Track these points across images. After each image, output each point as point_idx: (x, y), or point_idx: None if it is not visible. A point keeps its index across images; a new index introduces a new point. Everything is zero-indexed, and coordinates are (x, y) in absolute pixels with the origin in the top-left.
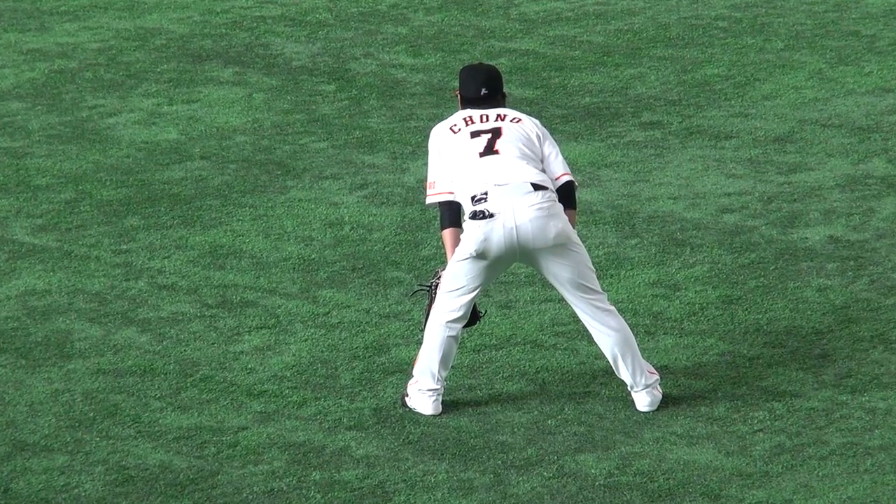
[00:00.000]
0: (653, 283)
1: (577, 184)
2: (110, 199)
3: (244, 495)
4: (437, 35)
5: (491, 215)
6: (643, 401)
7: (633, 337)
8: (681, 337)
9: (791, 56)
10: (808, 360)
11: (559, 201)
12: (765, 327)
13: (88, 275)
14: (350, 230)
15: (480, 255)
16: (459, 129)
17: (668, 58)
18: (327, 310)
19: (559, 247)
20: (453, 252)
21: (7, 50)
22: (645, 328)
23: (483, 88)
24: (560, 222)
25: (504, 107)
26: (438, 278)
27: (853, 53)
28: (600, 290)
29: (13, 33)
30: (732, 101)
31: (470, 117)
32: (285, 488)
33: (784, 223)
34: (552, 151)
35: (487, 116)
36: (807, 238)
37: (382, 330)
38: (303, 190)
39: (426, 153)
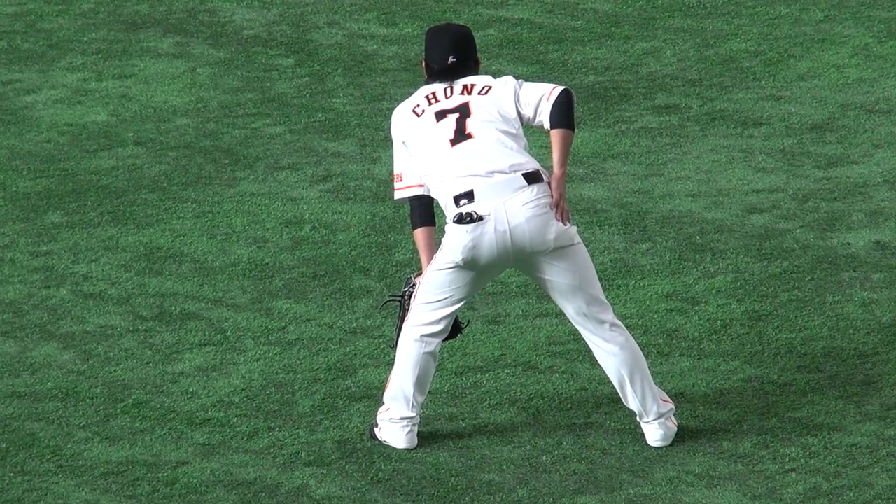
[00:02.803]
0: (667, 295)
1: (574, 95)
2: (28, 192)
3: None
4: (413, 0)
5: (480, 218)
6: (655, 434)
7: (643, 358)
8: (700, 359)
9: (832, 29)
10: (849, 388)
11: (552, 121)
12: (799, 348)
13: (1, 280)
14: (311, 230)
15: (468, 264)
16: (423, 111)
17: (687, 29)
18: (283, 324)
19: (559, 249)
20: (427, 255)
21: None
22: (658, 349)
23: (451, 55)
24: (558, 222)
25: (476, 75)
26: (412, 286)
27: None
28: (605, 301)
29: None
30: (763, 82)
31: (433, 94)
32: None
33: (822, 226)
34: (532, 87)
35: (452, 90)
36: (849, 244)
37: (348, 348)
38: (255, 182)
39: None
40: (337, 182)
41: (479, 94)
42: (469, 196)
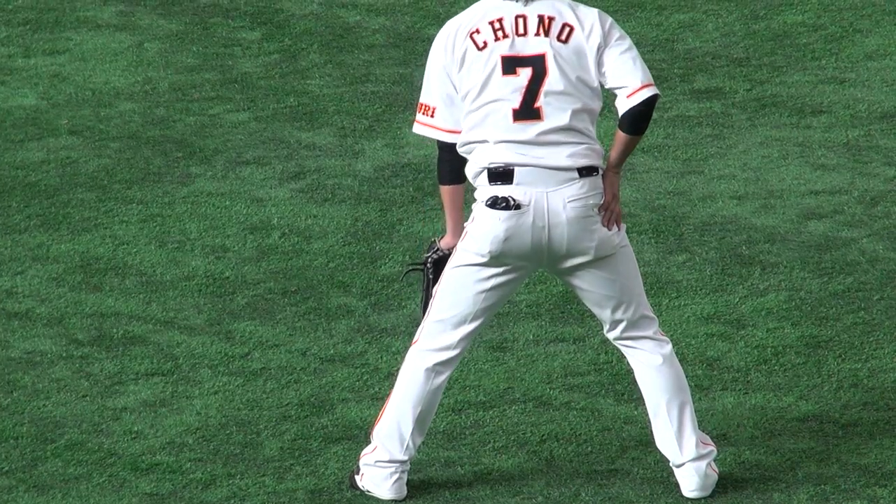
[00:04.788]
0: (708, 317)
1: (659, 96)
2: None
3: None
4: None
5: (518, 207)
6: (691, 481)
7: (687, 385)
8: (746, 394)
9: None
10: None
11: (624, 125)
12: (865, 381)
13: None
14: (280, 237)
15: (495, 260)
16: (485, 44)
17: None
18: (246, 350)
19: (599, 259)
20: (454, 216)
21: None
22: (696, 381)
23: None
24: (605, 228)
25: None
26: (436, 251)
27: None
28: (651, 313)
29: None
30: (823, 62)
31: (500, 21)
32: None
33: (894, 235)
34: (625, 54)
35: (526, 21)
36: None
37: (324, 379)
38: (214, 180)
39: (388, 128)
40: (311, 180)
41: (558, 38)
42: (507, 177)
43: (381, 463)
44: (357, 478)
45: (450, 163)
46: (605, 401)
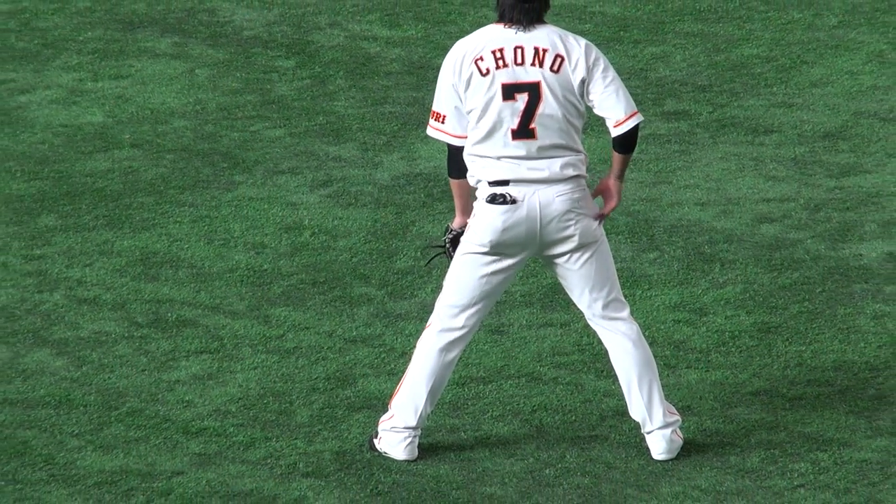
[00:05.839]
0: (675, 306)
1: (642, 123)
2: (21, 194)
3: None
4: (418, 2)
5: (513, 201)
6: (659, 446)
7: (654, 363)
8: (707, 371)
9: (846, 35)
10: (860, 403)
11: (617, 147)
12: (809, 361)
13: None
14: (311, 236)
15: (495, 248)
16: (488, 71)
17: (697, 34)
18: (282, 332)
19: (582, 247)
20: (462, 204)
21: None
22: (664, 360)
23: None
24: (587, 219)
25: (543, 18)
26: (451, 232)
27: None
28: (623, 300)
29: None
30: (774, 88)
31: (501, 52)
32: None
33: (834, 236)
34: (608, 87)
35: (523, 52)
36: (861, 255)
37: (348, 357)
38: (254, 187)
39: (403, 143)
40: (337, 187)
41: (550, 69)
42: (504, 183)
43: (396, 428)
44: (375, 441)
45: (458, 161)
46: (587, 377)
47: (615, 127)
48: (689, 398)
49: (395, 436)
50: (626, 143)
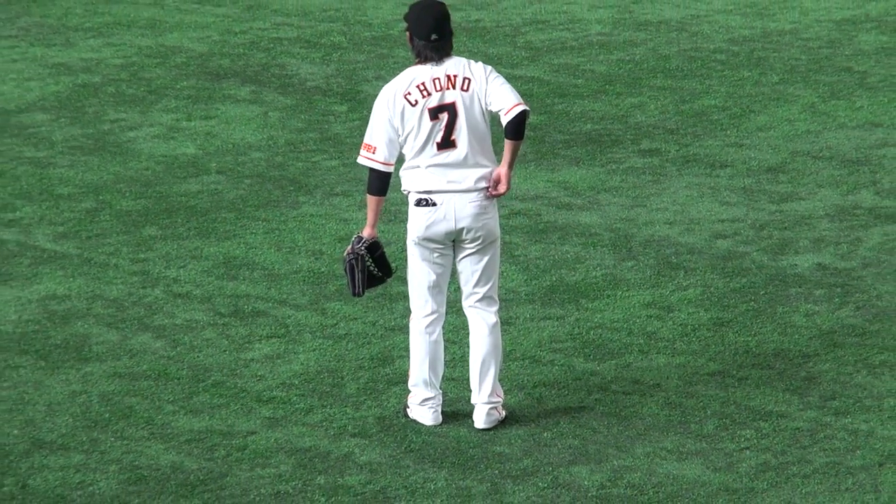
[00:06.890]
0: (648, 304)
1: (529, 111)
2: (129, 210)
3: (251, 497)
4: None
5: (434, 203)
6: (480, 417)
7: (501, 352)
8: (673, 356)
9: (785, 89)
10: (794, 382)
11: (508, 134)
12: (754, 349)
13: (107, 281)
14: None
15: (428, 239)
16: (416, 102)
17: (667, 88)
18: (335, 321)
19: (486, 244)
20: (373, 217)
21: (33, 64)
22: (639, 347)
23: (433, 33)
24: (492, 221)
25: (450, 50)
26: (363, 241)
27: (845, 88)
28: (497, 298)
29: (39, 48)
30: (728, 132)
31: (423, 85)
32: (291, 491)
33: (775, 250)
34: (500, 87)
35: (439, 81)
36: (796, 265)
37: (387, 342)
38: (314, 205)
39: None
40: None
41: (462, 89)
42: (429, 193)
43: (417, 402)
44: (408, 410)
45: (379, 181)
46: (578, 360)
47: (505, 115)
48: (658, 377)
49: (420, 408)
50: (516, 129)
